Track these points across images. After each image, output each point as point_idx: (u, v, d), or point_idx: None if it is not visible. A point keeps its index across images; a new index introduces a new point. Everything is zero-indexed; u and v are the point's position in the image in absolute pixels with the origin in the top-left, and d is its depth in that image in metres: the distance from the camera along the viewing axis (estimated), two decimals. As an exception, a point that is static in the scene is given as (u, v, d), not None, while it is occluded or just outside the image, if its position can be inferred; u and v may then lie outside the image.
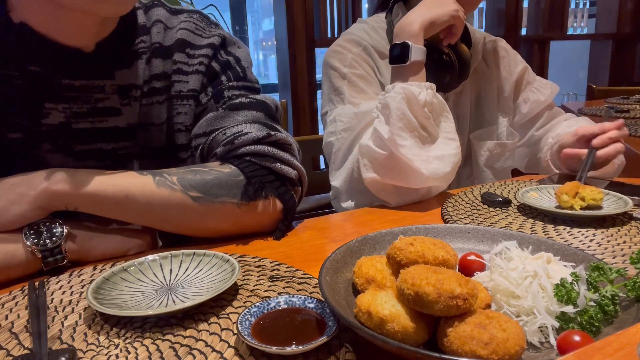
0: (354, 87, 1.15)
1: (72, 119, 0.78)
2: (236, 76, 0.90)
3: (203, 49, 0.88)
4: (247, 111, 0.86)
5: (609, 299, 0.49)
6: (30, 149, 0.77)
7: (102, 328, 0.56)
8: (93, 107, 0.79)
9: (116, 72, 0.81)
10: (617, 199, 0.90)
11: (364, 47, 1.20)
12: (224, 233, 0.82)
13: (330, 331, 0.49)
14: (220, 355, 0.50)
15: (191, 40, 0.88)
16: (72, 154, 0.79)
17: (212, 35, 0.90)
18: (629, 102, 2.44)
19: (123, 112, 0.82)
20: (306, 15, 3.11)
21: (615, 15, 4.01)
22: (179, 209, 0.75)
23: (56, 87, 0.76)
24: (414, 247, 0.56)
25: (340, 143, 1.10)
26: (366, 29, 1.23)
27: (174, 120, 0.89)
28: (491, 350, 0.42)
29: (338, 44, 1.22)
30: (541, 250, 0.61)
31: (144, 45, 0.84)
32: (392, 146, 0.93)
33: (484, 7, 3.86)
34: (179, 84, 0.87)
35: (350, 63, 1.17)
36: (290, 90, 3.24)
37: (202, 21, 0.92)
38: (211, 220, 0.78)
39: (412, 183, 0.97)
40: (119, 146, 0.83)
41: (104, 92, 0.80)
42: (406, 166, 0.94)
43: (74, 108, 0.78)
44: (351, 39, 1.22)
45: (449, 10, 1.02)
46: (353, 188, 1.10)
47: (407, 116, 0.93)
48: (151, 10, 0.88)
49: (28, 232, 0.70)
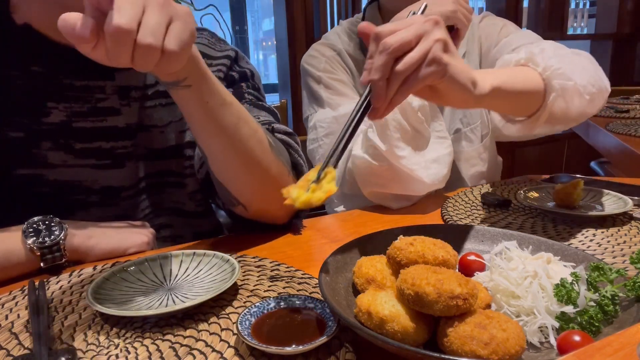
0: (330, 89, 1.13)
1: (72, 117, 0.79)
2: (254, 87, 0.95)
3: (221, 59, 0.94)
4: (266, 112, 0.91)
5: (609, 299, 0.49)
6: (31, 147, 0.78)
7: (102, 328, 0.56)
8: (93, 107, 0.80)
9: (116, 74, 0.82)
10: (617, 199, 0.90)
11: (338, 51, 1.18)
12: (260, 179, 0.80)
13: (330, 331, 0.49)
14: (220, 355, 0.50)
15: (207, 52, 0.93)
16: (72, 152, 0.80)
17: (226, 50, 0.96)
18: (629, 102, 2.43)
19: (122, 112, 0.83)
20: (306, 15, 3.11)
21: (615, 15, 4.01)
22: (262, 142, 0.77)
23: (58, 87, 0.77)
24: (414, 247, 0.56)
25: (323, 150, 1.08)
26: (340, 33, 1.21)
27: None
28: (491, 350, 0.42)
29: (313, 47, 1.21)
30: (541, 250, 0.61)
31: None
32: (391, 158, 0.92)
33: (484, 7, 3.86)
34: None
35: (324, 67, 1.15)
36: (290, 90, 3.24)
37: (213, 37, 0.98)
38: (272, 165, 0.79)
39: (414, 191, 0.97)
40: (117, 145, 0.84)
41: (104, 93, 0.81)
42: (407, 176, 0.93)
43: (75, 107, 0.79)
44: (325, 43, 1.20)
45: (446, 9, 0.95)
46: (344, 194, 1.09)
47: (404, 126, 0.92)
48: None
49: (28, 231, 0.70)
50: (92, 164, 0.82)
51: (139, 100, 0.86)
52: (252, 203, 0.81)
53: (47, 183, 0.79)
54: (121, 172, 0.85)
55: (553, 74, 0.80)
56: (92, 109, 0.80)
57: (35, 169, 0.78)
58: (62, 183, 0.80)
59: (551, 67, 0.81)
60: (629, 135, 1.65)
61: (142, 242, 0.80)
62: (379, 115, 0.62)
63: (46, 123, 0.77)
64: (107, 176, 0.83)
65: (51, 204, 0.79)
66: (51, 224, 0.72)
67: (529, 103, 0.82)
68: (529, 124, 0.84)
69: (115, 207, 0.85)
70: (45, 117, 0.77)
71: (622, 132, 1.69)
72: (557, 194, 0.90)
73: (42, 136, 0.78)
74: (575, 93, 0.83)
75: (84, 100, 0.79)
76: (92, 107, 0.80)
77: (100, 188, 0.83)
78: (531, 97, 0.80)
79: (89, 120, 0.80)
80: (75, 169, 0.81)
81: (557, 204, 0.91)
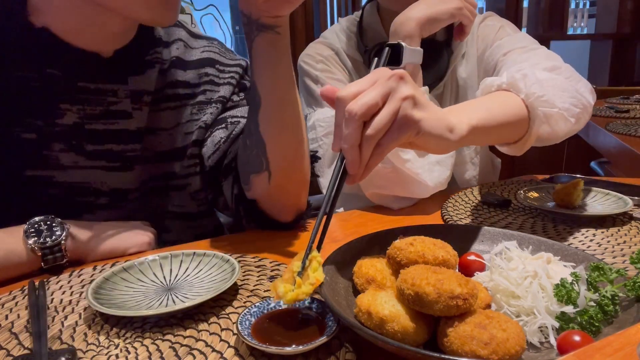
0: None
1: (85, 120, 0.80)
2: None
3: (233, 67, 0.98)
4: None
5: (609, 299, 0.49)
6: (43, 149, 0.79)
7: (102, 328, 0.56)
8: (106, 110, 0.82)
9: (129, 78, 0.83)
10: (617, 199, 0.90)
11: (336, 50, 1.17)
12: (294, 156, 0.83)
13: (330, 331, 0.49)
14: (220, 355, 0.50)
15: (219, 60, 0.97)
16: (84, 153, 0.81)
17: (237, 59, 1.01)
18: (629, 102, 2.43)
19: (134, 116, 0.84)
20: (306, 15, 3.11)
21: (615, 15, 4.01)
22: (301, 116, 0.82)
23: (72, 89, 0.79)
24: (414, 247, 0.56)
25: (324, 150, 1.07)
26: (338, 32, 1.20)
27: (196, 121, 0.92)
28: (491, 350, 0.42)
29: (310, 46, 1.20)
30: (541, 250, 0.61)
31: (158, 57, 0.88)
32: (396, 161, 0.91)
33: (484, 7, 3.87)
34: (210, 92, 0.94)
35: (321, 66, 1.14)
36: (290, 90, 3.24)
37: (222, 47, 1.02)
38: (305, 141, 0.83)
39: (417, 194, 0.97)
40: (127, 148, 0.85)
41: (116, 96, 0.82)
42: (411, 179, 0.93)
43: (88, 110, 0.80)
44: (323, 42, 1.19)
45: (451, 7, 0.95)
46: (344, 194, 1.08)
47: None
48: (172, 28, 0.94)
49: (29, 231, 0.71)
50: (103, 166, 0.83)
51: (149, 105, 0.87)
52: (278, 172, 0.81)
53: (57, 184, 0.80)
54: (130, 175, 0.85)
55: (537, 101, 0.79)
56: (105, 111, 0.82)
57: (46, 170, 0.79)
58: (72, 185, 0.81)
59: (534, 94, 0.79)
60: (629, 135, 1.65)
61: (142, 242, 0.80)
62: (357, 180, 0.60)
63: (59, 124, 0.78)
64: (116, 178, 0.84)
65: (60, 205, 0.79)
66: (52, 224, 0.72)
67: (512, 133, 0.81)
68: (516, 148, 0.84)
69: (122, 209, 0.86)
70: (59, 118, 0.78)
71: (622, 132, 1.69)
72: (557, 194, 0.90)
73: (55, 138, 0.79)
74: (560, 118, 0.83)
75: (97, 103, 0.81)
76: (105, 110, 0.81)
77: (109, 190, 0.84)
78: (514, 127, 0.79)
79: (101, 122, 0.82)
80: (86, 171, 0.81)
81: (557, 204, 0.91)
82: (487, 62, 1.11)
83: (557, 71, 0.91)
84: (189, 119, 0.92)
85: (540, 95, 0.80)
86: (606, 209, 0.88)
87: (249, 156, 0.82)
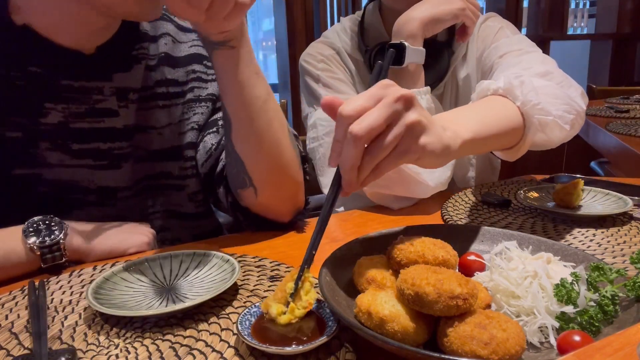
0: (329, 88, 1.12)
1: (70, 118, 0.79)
2: None
3: None
4: None
5: (609, 299, 0.49)
6: (29, 147, 0.78)
7: (102, 328, 0.56)
8: (91, 108, 0.81)
9: (114, 75, 0.82)
10: (617, 199, 0.90)
11: (337, 50, 1.16)
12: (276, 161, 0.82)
13: (330, 331, 0.49)
14: (220, 355, 0.50)
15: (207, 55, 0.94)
16: (69, 152, 0.80)
17: None
18: (629, 102, 2.43)
19: (120, 114, 0.84)
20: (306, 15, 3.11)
21: (615, 15, 4.01)
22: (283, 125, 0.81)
23: (56, 88, 0.78)
24: (414, 247, 0.56)
25: (324, 148, 1.07)
26: (339, 31, 1.20)
27: (187, 120, 0.92)
28: (491, 350, 0.42)
29: (311, 46, 1.20)
30: (541, 250, 0.61)
31: (144, 52, 0.87)
32: None
33: (484, 7, 3.87)
34: (198, 89, 0.93)
35: (322, 66, 1.14)
36: (290, 90, 3.25)
37: None
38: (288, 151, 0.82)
39: (418, 194, 0.97)
40: (115, 146, 0.84)
41: (102, 94, 0.81)
42: (412, 179, 0.93)
43: (73, 108, 0.79)
44: (324, 42, 1.19)
45: (454, 7, 0.95)
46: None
47: None
48: (158, 22, 0.91)
49: (28, 230, 0.71)
50: (89, 164, 0.82)
51: (137, 102, 0.86)
52: (264, 186, 0.81)
53: (45, 182, 0.79)
54: (117, 173, 0.85)
55: (532, 109, 0.79)
56: (90, 110, 0.81)
57: (33, 168, 0.78)
58: (60, 182, 0.80)
59: (530, 101, 0.79)
60: (629, 135, 1.65)
61: (142, 242, 0.80)
62: (349, 194, 0.60)
63: (44, 123, 0.78)
64: (103, 176, 0.84)
65: (49, 203, 0.79)
66: (51, 224, 0.72)
67: (506, 141, 0.81)
68: (510, 154, 0.84)
69: (112, 207, 0.86)
70: (43, 117, 0.77)
71: (622, 132, 1.70)
72: (557, 194, 0.90)
73: (40, 136, 0.78)
74: (555, 126, 0.83)
75: (81, 101, 0.80)
76: (90, 108, 0.81)
77: (97, 188, 0.84)
78: (508, 136, 0.79)
79: (87, 121, 0.81)
80: (73, 169, 0.81)
81: (557, 204, 0.91)
82: (484, 64, 1.11)
83: (549, 77, 0.92)
84: (180, 118, 0.91)
85: (536, 103, 0.80)
86: (606, 209, 0.88)
87: (231, 173, 0.82)
